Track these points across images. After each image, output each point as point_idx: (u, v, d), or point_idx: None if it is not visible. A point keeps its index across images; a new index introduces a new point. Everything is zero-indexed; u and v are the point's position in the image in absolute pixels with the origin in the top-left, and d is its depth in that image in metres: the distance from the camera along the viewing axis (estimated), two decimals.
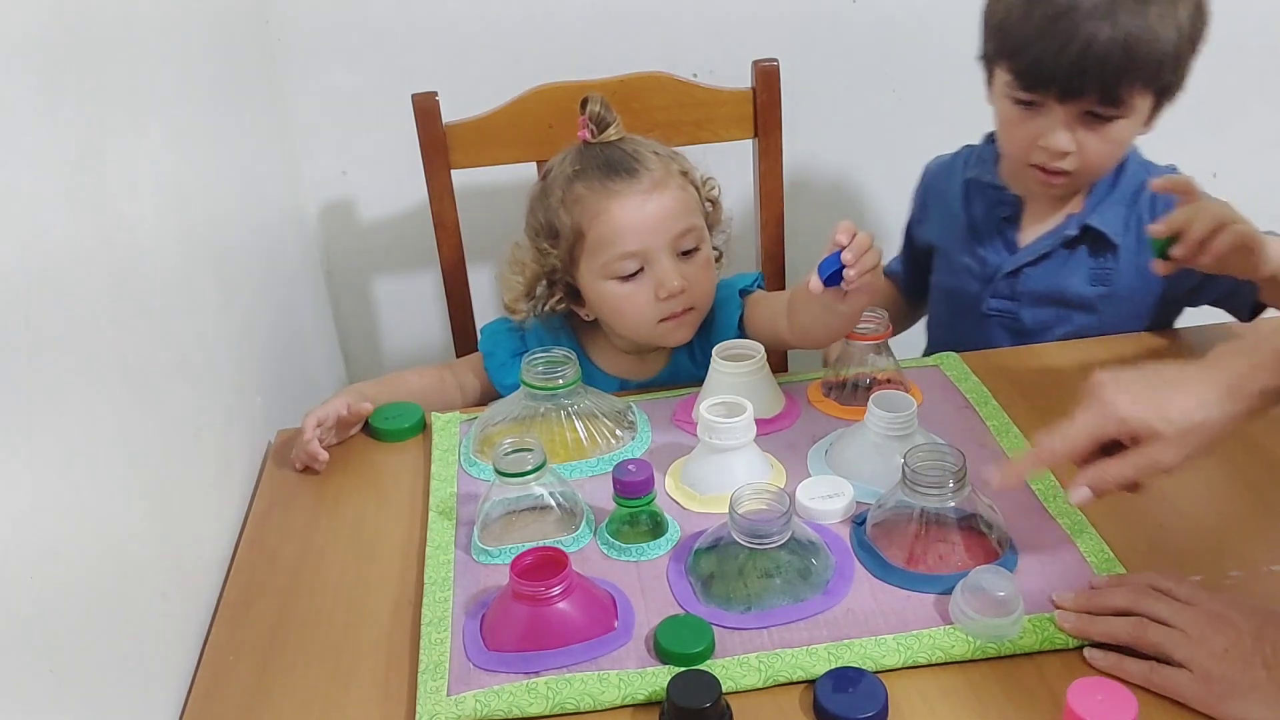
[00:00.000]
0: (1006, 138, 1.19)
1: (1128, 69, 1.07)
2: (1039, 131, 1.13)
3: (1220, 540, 0.89)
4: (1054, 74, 1.08)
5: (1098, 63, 1.06)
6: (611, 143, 1.13)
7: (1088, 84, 1.07)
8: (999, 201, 1.26)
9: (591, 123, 1.13)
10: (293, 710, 0.81)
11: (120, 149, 0.89)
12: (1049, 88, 1.10)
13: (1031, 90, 1.11)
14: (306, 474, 1.09)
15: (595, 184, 1.09)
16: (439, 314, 1.68)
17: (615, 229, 1.08)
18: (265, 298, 1.30)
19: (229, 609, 0.92)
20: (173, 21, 1.09)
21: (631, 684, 0.78)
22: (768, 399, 1.08)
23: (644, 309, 1.11)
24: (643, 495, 0.91)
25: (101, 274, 0.81)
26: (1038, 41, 1.08)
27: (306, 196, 1.62)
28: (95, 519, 0.75)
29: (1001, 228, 1.26)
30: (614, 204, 1.08)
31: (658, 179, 1.10)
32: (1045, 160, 1.15)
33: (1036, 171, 1.17)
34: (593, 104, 1.13)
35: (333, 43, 1.52)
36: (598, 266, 1.10)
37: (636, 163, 1.10)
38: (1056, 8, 1.06)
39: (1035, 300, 1.24)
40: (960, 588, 0.81)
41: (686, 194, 1.12)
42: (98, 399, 0.78)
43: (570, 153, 1.14)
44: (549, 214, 1.13)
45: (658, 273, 1.09)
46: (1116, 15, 1.05)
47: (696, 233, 1.12)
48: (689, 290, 1.10)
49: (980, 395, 1.11)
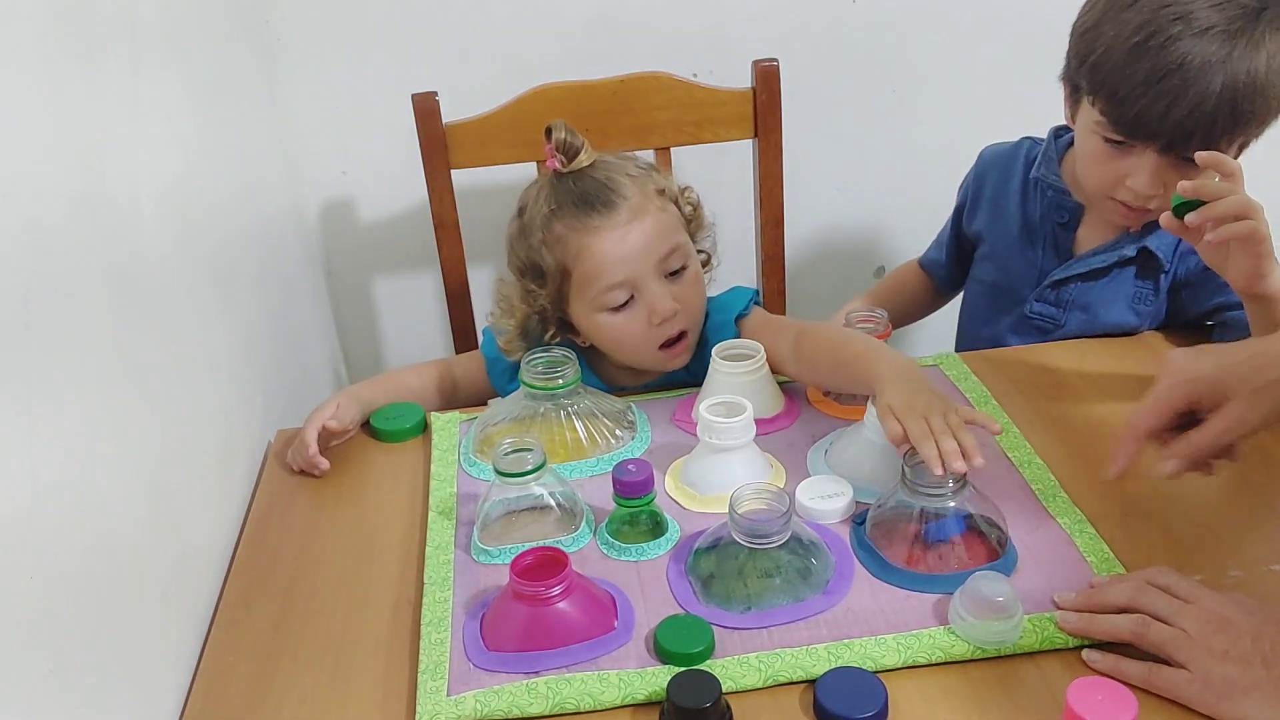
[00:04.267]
0: (1090, 172, 1.15)
1: (1234, 125, 1.04)
2: (1127, 171, 1.10)
3: (1220, 540, 0.89)
4: (1158, 131, 1.04)
5: (1207, 121, 1.02)
6: (583, 171, 1.10)
7: (1193, 142, 1.03)
8: (1059, 206, 1.23)
9: (559, 151, 1.10)
10: (293, 710, 0.81)
11: (120, 149, 0.89)
12: (1150, 141, 1.06)
13: (1131, 138, 1.08)
14: (307, 474, 1.09)
15: (574, 222, 1.07)
16: (439, 314, 1.68)
17: (599, 264, 1.07)
18: (265, 298, 1.30)
19: (229, 609, 0.92)
20: (173, 21, 1.09)
21: (631, 684, 0.78)
22: (768, 399, 1.08)
23: (640, 336, 1.10)
24: (643, 495, 0.91)
25: (102, 274, 0.81)
26: (1142, 97, 1.03)
27: (306, 196, 1.62)
28: (95, 519, 0.75)
29: (1057, 233, 1.24)
30: (595, 240, 1.06)
31: (635, 206, 1.07)
32: (1130, 199, 1.12)
33: (1119, 205, 1.14)
34: (558, 131, 1.09)
35: (333, 43, 1.52)
36: (588, 301, 1.09)
37: (612, 193, 1.07)
38: (1165, 65, 1.01)
39: (1078, 310, 1.23)
40: (959, 593, 0.81)
41: (666, 214, 1.10)
42: (98, 399, 0.78)
43: (543, 187, 1.11)
44: (531, 254, 1.11)
45: (649, 299, 1.08)
46: (1230, 62, 1.00)
47: (682, 250, 1.10)
48: (682, 310, 1.09)
49: (980, 395, 1.11)
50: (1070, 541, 0.89)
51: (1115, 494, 0.95)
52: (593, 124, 1.39)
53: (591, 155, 1.10)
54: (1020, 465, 0.99)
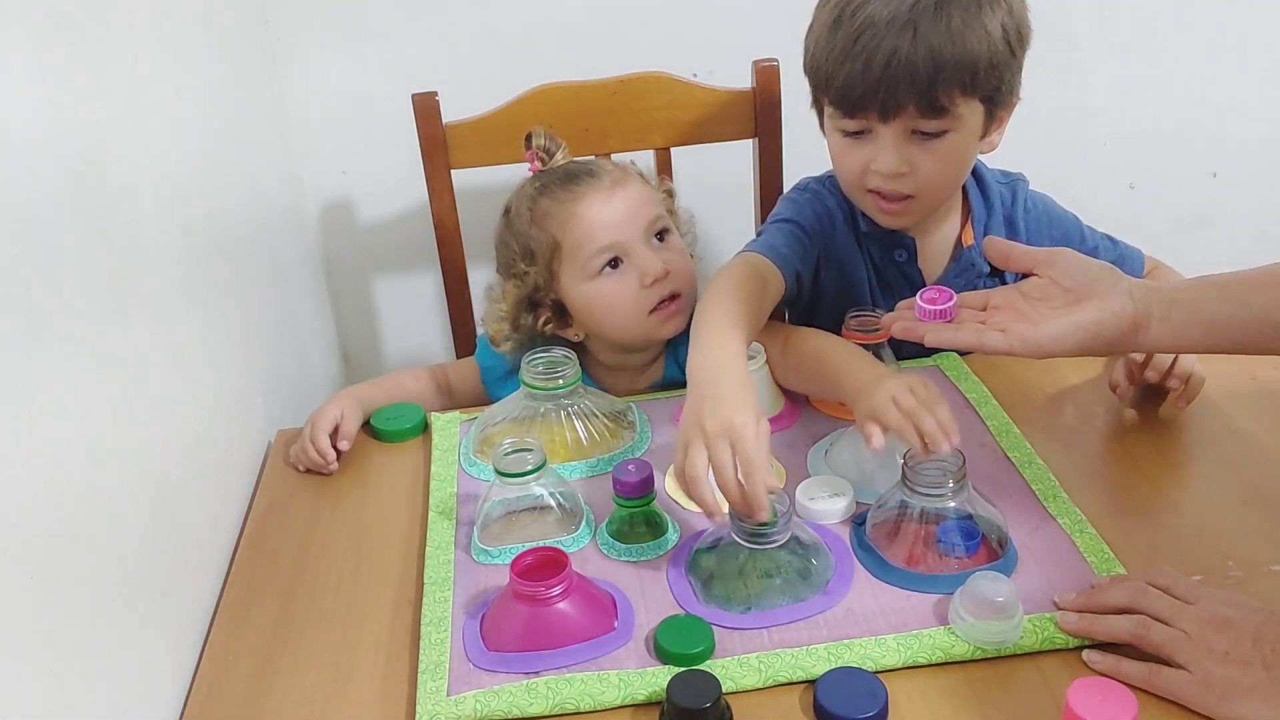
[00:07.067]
0: (841, 169, 1.14)
1: (939, 75, 1.02)
2: (870, 156, 1.08)
3: (1220, 540, 0.89)
4: (867, 92, 1.03)
5: (908, 73, 1.01)
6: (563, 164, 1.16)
7: (902, 96, 1.02)
8: (895, 245, 1.19)
9: (539, 154, 1.16)
10: (293, 710, 0.81)
11: (121, 149, 0.89)
12: (867, 107, 1.05)
13: (853, 114, 1.06)
14: (306, 474, 1.09)
15: (559, 193, 1.13)
16: (439, 314, 1.68)
17: (588, 228, 1.10)
18: (265, 298, 1.30)
19: (229, 609, 0.92)
20: (173, 21, 1.09)
21: (631, 684, 0.78)
22: (768, 399, 1.08)
23: (632, 301, 1.11)
24: (643, 495, 0.91)
25: (101, 273, 0.81)
26: (845, 64, 1.03)
27: (306, 196, 1.62)
28: (95, 519, 0.75)
29: (904, 270, 1.20)
30: (581, 205, 1.11)
31: (617, 177, 1.13)
32: (881, 184, 1.09)
33: (876, 199, 1.12)
34: (537, 138, 1.17)
35: (333, 43, 1.52)
36: (578, 269, 1.11)
37: (594, 166, 1.15)
38: (856, 26, 1.03)
39: None
40: (959, 593, 0.80)
41: (648, 188, 1.16)
42: (98, 399, 0.78)
43: (525, 183, 1.18)
44: (521, 238, 1.15)
45: (638, 262, 1.11)
46: (916, 28, 1.01)
47: (665, 220, 1.15)
48: (672, 273, 1.11)
49: (980, 395, 1.11)
50: (1070, 541, 0.89)
51: (1115, 494, 0.96)
52: (593, 124, 1.39)
53: (569, 157, 1.17)
54: (1020, 465, 0.99)
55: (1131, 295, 0.84)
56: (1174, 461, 1.02)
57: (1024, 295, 0.87)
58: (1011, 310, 0.87)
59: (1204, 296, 0.84)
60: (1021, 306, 0.87)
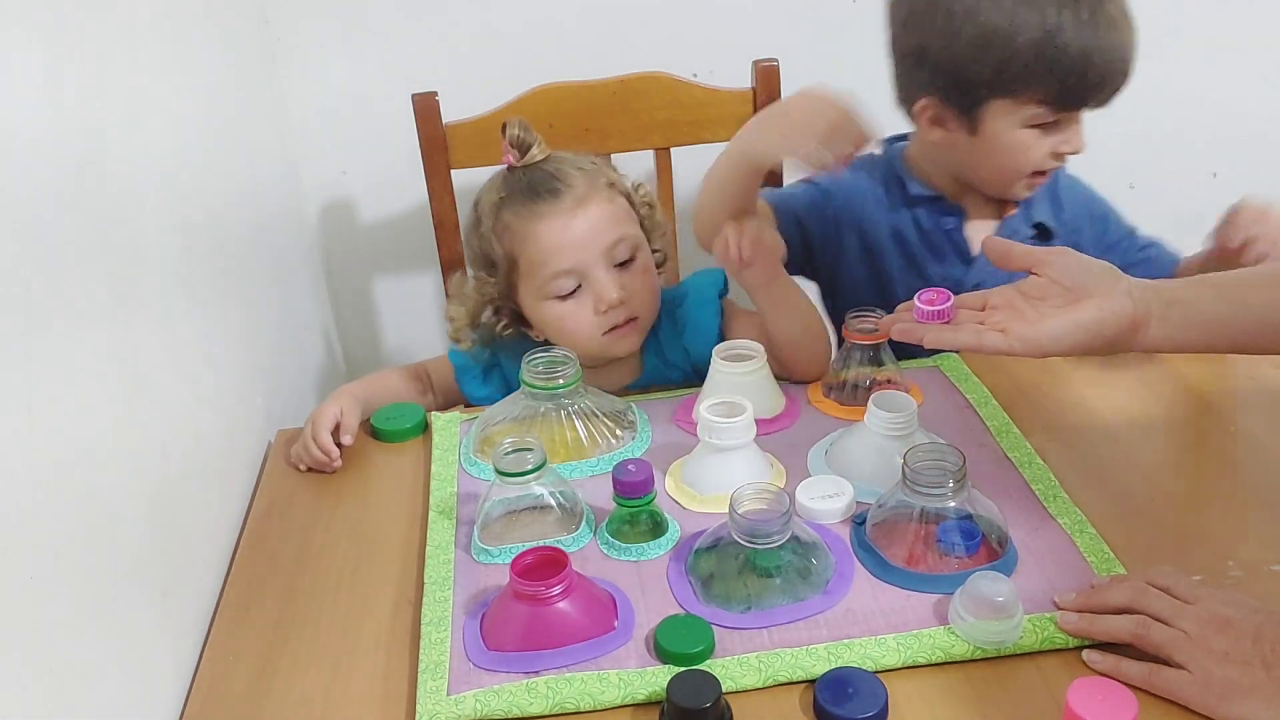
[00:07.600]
0: (1023, 158, 1.17)
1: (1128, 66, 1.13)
2: (1060, 140, 1.16)
3: (1220, 540, 0.89)
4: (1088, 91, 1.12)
5: (1121, 68, 1.11)
6: (536, 164, 1.12)
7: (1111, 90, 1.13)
8: (944, 213, 1.25)
9: (513, 147, 1.13)
10: (293, 710, 0.81)
11: (121, 149, 0.89)
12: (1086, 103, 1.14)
13: (1067, 109, 1.14)
14: (307, 474, 1.09)
15: (520, 209, 1.10)
16: (439, 314, 1.68)
17: (545, 251, 1.09)
18: (265, 298, 1.30)
19: (229, 609, 0.92)
20: (173, 21, 1.09)
21: (631, 684, 0.78)
22: (768, 399, 1.08)
23: (587, 325, 1.11)
24: (643, 495, 0.91)
25: (101, 273, 0.81)
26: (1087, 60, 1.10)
27: (306, 196, 1.62)
28: (94, 519, 0.75)
29: (952, 239, 1.25)
30: (540, 226, 1.09)
31: (580, 195, 1.10)
32: (1058, 164, 1.18)
33: (1034, 178, 1.19)
34: (512, 128, 1.13)
35: (333, 43, 1.52)
36: (535, 289, 1.11)
37: (558, 182, 1.10)
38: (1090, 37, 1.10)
39: None
40: (959, 593, 0.80)
41: (615, 204, 1.12)
42: (97, 398, 0.78)
43: (496, 179, 1.15)
44: (483, 244, 1.14)
45: (595, 287, 1.09)
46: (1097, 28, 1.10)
47: (630, 241, 1.12)
48: (629, 300, 1.10)
49: (980, 395, 1.11)
50: (1070, 541, 0.89)
51: (1115, 494, 0.96)
52: (593, 124, 1.39)
53: (545, 150, 1.13)
54: (1020, 465, 0.99)
55: (1131, 295, 0.84)
56: (1174, 461, 1.02)
57: (1023, 295, 0.87)
58: (1010, 310, 0.87)
59: (1202, 296, 0.84)
60: (1020, 306, 0.87)
